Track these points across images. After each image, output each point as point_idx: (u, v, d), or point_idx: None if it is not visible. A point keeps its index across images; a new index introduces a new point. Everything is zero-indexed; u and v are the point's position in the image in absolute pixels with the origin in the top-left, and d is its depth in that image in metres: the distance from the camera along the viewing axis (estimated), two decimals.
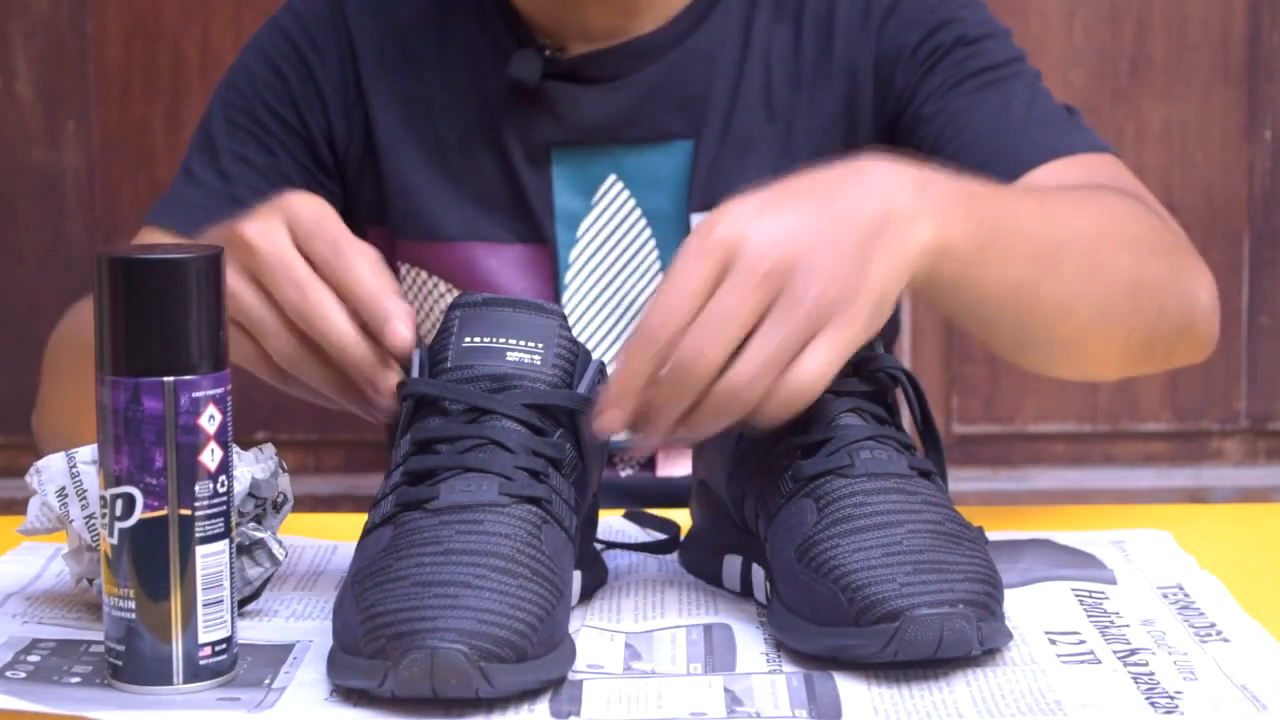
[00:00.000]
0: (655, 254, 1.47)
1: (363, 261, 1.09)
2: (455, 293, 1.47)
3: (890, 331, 1.30)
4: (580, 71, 1.45)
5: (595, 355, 1.42)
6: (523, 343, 1.05)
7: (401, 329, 1.07)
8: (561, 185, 1.46)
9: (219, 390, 0.97)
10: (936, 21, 1.44)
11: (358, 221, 1.51)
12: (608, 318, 1.47)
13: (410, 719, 0.93)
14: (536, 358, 1.05)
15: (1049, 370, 1.26)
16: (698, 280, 1.01)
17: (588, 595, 1.11)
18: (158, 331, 0.95)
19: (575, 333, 1.44)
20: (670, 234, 1.46)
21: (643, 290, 1.47)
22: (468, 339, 1.06)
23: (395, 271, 1.49)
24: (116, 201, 2.41)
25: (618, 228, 1.46)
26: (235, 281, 1.08)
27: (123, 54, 2.40)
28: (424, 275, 1.49)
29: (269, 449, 1.09)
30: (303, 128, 1.49)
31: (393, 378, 1.08)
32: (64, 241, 2.41)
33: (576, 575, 1.08)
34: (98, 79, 2.40)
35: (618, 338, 1.46)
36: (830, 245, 1.02)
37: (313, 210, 1.11)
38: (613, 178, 1.46)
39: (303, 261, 1.09)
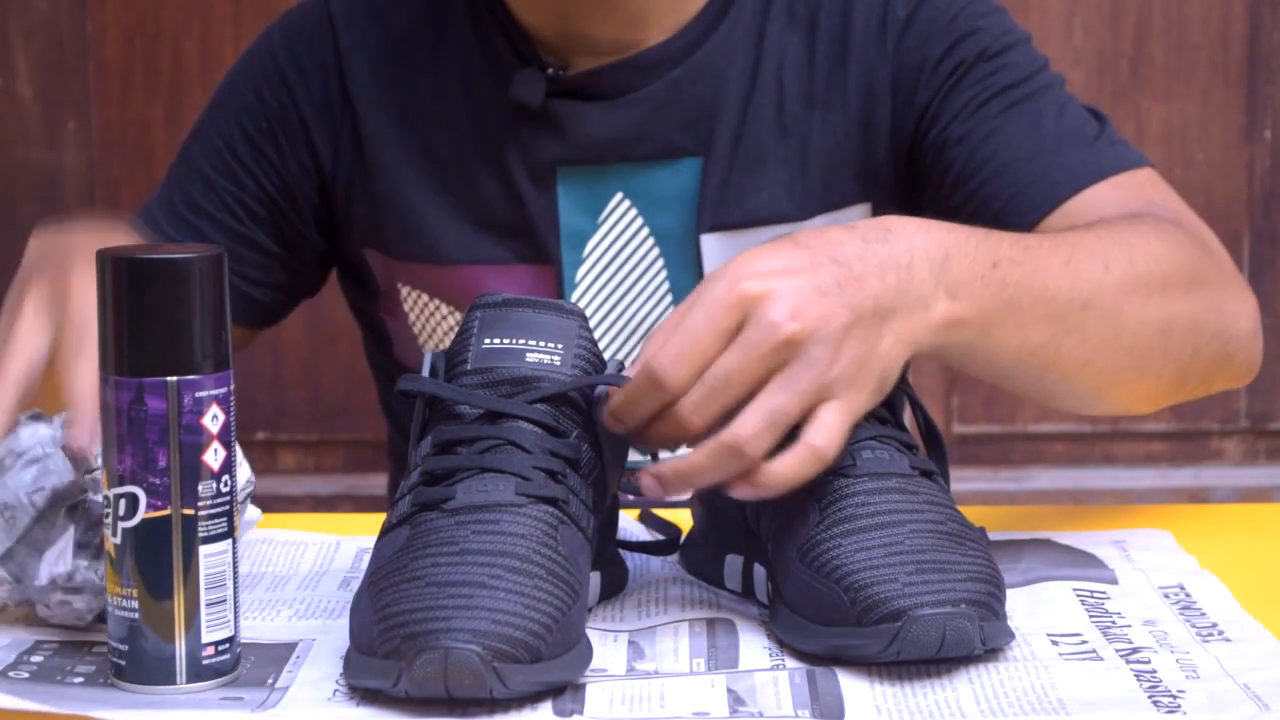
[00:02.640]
0: (664, 274, 1.43)
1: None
2: (458, 315, 1.43)
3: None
4: (585, 88, 1.40)
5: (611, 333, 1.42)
6: (542, 343, 1.05)
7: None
8: (567, 205, 1.42)
9: (222, 390, 0.97)
10: (957, 34, 1.39)
11: (351, 246, 1.47)
12: (615, 338, 1.43)
13: (414, 718, 0.93)
14: (556, 358, 1.05)
15: (1076, 411, 1.25)
16: (713, 331, 1.01)
17: (608, 596, 1.11)
18: (161, 331, 0.95)
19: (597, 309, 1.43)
20: (679, 254, 1.42)
21: (650, 311, 1.43)
22: (488, 340, 1.05)
23: (395, 293, 1.46)
24: (116, 201, 2.41)
25: (625, 247, 1.42)
26: None
27: (123, 54, 2.40)
28: (425, 298, 1.45)
29: None
30: (276, 155, 1.45)
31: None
32: None
33: (595, 576, 1.08)
34: (98, 79, 2.40)
35: (625, 359, 1.43)
36: (846, 318, 1.03)
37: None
38: (619, 196, 1.42)
39: None
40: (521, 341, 1.05)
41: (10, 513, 1.03)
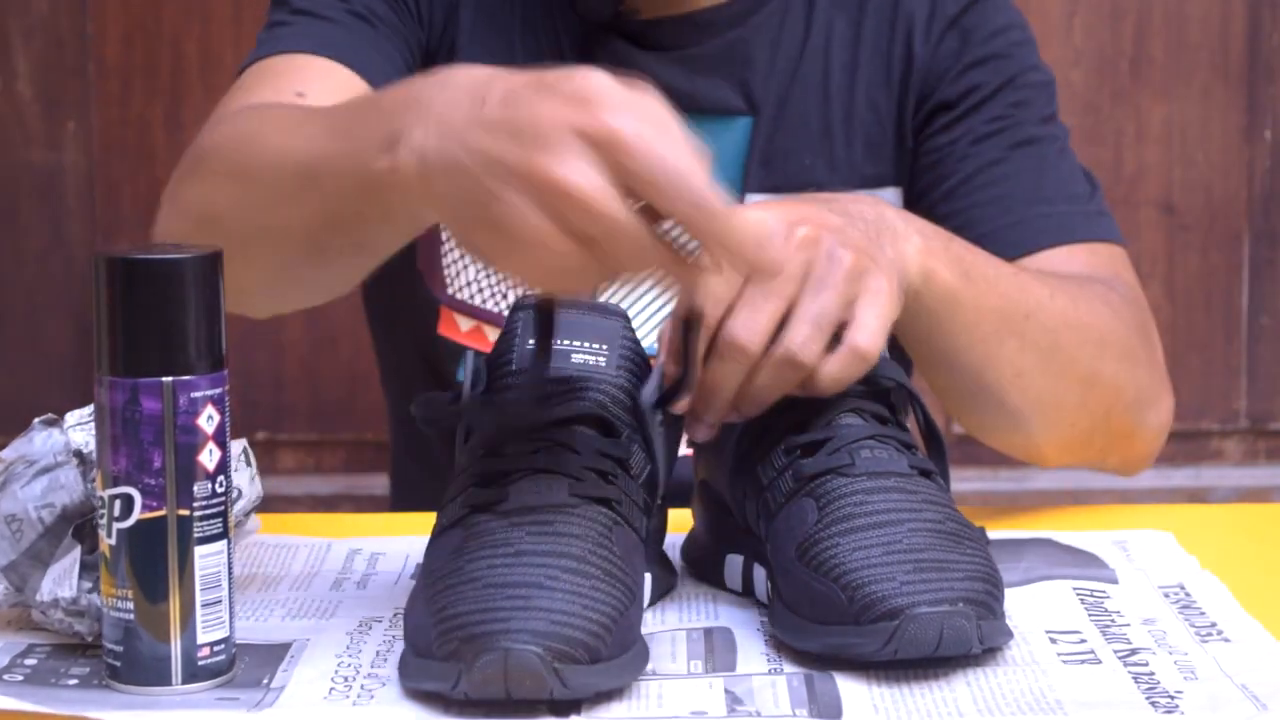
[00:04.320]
0: None
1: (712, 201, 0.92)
2: None
3: (907, 359, 1.30)
4: (645, 37, 1.45)
5: (640, 328, 1.42)
6: (587, 344, 1.05)
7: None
8: None
9: (217, 390, 0.96)
10: (989, 52, 1.44)
11: None
12: (655, 295, 1.45)
13: (411, 717, 0.93)
14: (601, 359, 1.05)
15: (991, 440, 1.29)
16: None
17: (658, 598, 1.10)
18: (156, 332, 0.95)
19: (622, 305, 1.43)
20: None
21: None
22: (532, 342, 1.05)
23: None
24: (116, 201, 2.41)
25: None
26: (541, 225, 0.91)
27: (123, 54, 2.40)
28: None
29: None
30: (413, 16, 1.44)
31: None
32: (64, 241, 2.41)
33: (647, 577, 1.08)
34: (98, 79, 2.40)
35: (665, 312, 1.46)
36: (850, 226, 1.09)
37: (638, 121, 0.94)
38: None
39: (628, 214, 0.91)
40: (566, 342, 1.05)
41: (17, 525, 1.03)
